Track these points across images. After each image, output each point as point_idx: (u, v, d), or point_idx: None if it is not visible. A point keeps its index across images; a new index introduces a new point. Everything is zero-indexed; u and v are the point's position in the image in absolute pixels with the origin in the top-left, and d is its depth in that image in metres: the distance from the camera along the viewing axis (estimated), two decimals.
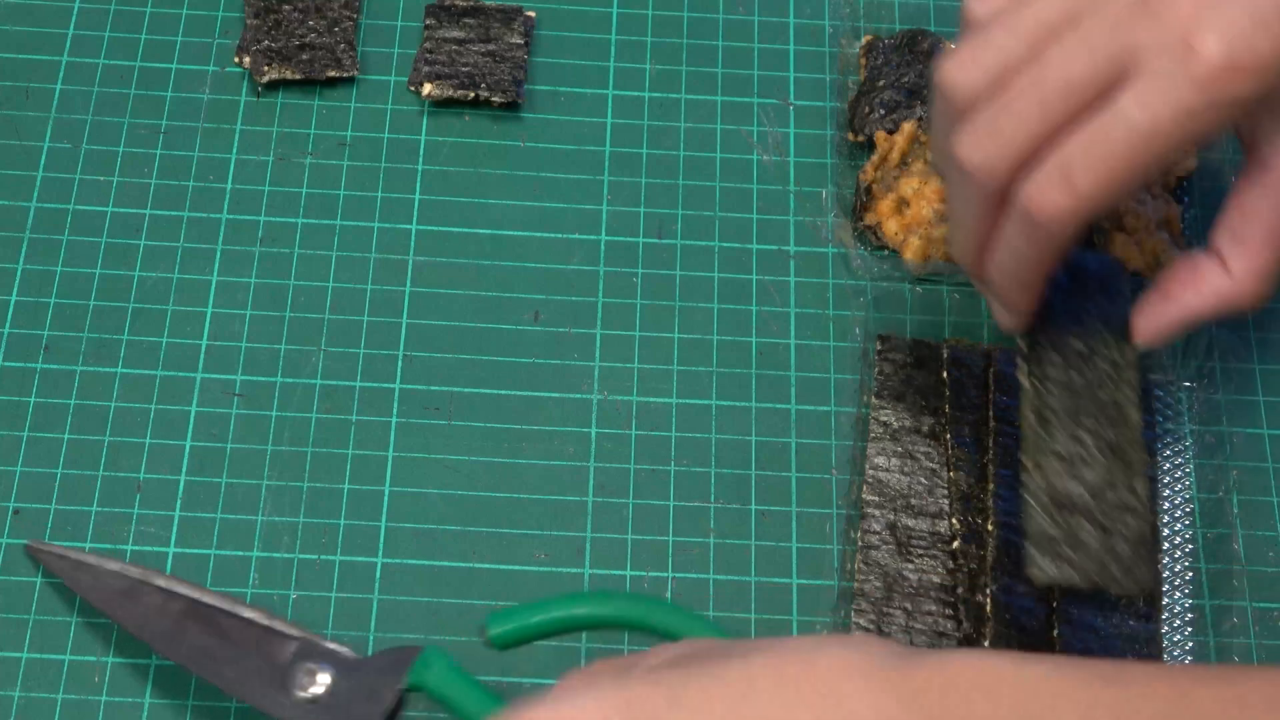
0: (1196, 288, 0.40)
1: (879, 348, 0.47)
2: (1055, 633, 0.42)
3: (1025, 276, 0.40)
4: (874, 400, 0.46)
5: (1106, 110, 0.36)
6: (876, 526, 0.44)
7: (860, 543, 0.44)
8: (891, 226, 0.48)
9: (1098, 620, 0.43)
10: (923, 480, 0.45)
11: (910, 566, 0.44)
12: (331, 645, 0.41)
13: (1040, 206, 0.37)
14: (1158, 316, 0.41)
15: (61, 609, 0.43)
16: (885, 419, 0.46)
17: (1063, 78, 0.37)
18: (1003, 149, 0.37)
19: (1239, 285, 0.40)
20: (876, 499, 0.45)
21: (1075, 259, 0.42)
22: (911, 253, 0.48)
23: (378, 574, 0.44)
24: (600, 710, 0.32)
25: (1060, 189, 0.37)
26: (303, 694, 0.40)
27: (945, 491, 0.45)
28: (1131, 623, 0.43)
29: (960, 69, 0.38)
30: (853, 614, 0.43)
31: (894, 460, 0.45)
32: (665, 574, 0.44)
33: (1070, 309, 0.42)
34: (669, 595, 0.44)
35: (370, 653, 0.42)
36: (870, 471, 0.45)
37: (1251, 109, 0.37)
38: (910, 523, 0.44)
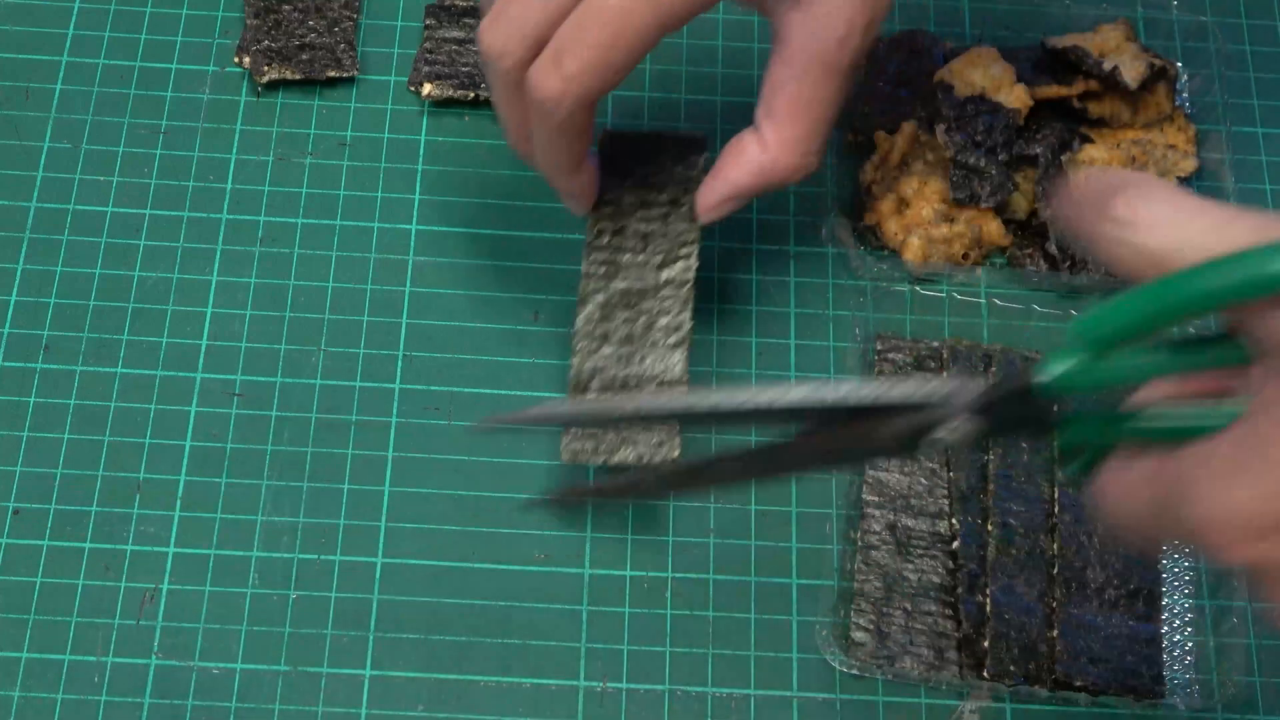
0: (738, 162, 0.42)
1: (878, 347, 0.47)
2: (1055, 632, 0.42)
3: (556, 158, 0.42)
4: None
5: None
6: (876, 526, 0.44)
7: (860, 543, 0.44)
8: (891, 226, 0.48)
9: (1098, 620, 0.43)
10: (922, 480, 0.45)
11: (910, 566, 0.44)
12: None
13: (537, 88, 0.40)
14: (709, 192, 0.43)
15: (62, 608, 0.43)
16: None
17: None
18: (511, 33, 0.40)
19: (773, 156, 0.42)
20: (876, 499, 0.45)
21: (663, 133, 0.45)
22: (911, 253, 0.48)
23: (378, 574, 0.44)
24: None
25: (551, 71, 0.39)
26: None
27: (945, 492, 0.45)
28: (1131, 623, 0.43)
29: (490, 30, 0.41)
30: (852, 614, 0.43)
31: (894, 460, 0.45)
32: (665, 574, 0.44)
33: (643, 184, 0.44)
34: (669, 596, 0.43)
35: None
36: (870, 472, 0.45)
37: None
38: (910, 523, 0.44)
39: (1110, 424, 0.31)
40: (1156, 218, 0.29)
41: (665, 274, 0.43)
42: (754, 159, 0.42)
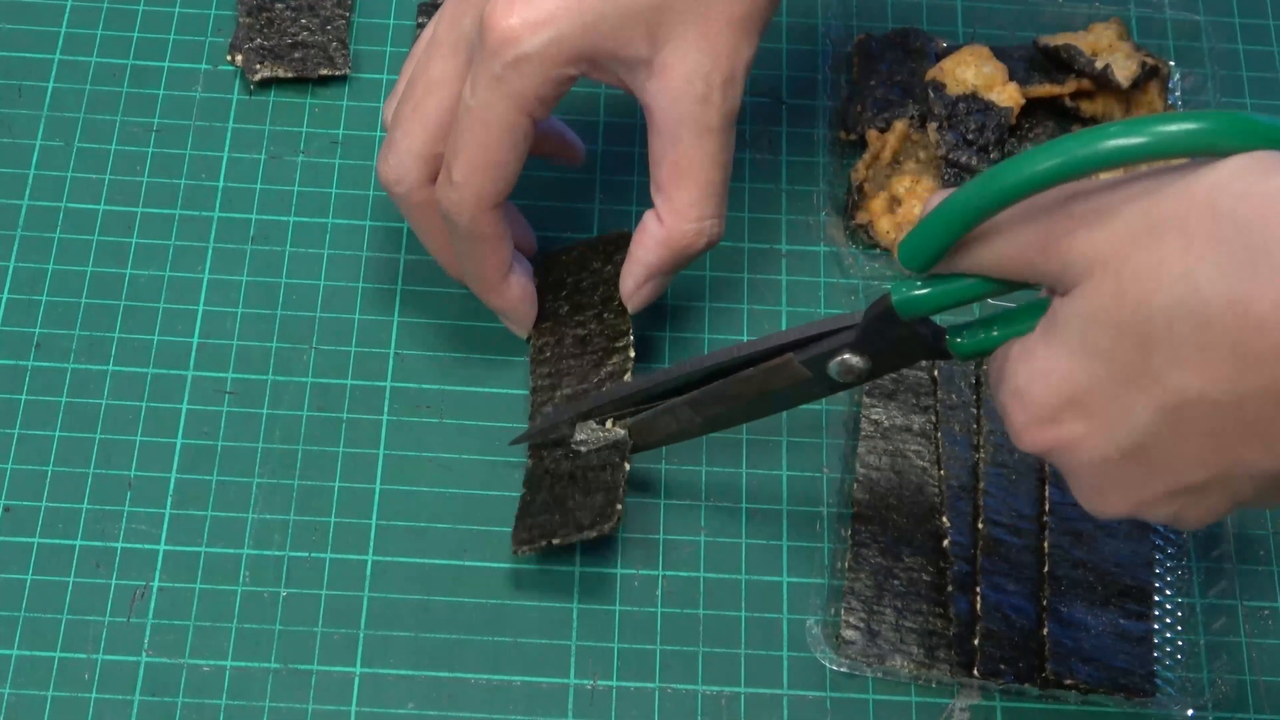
0: (642, 241, 0.43)
1: None
2: (1046, 630, 0.42)
3: (477, 270, 0.43)
4: (865, 399, 0.46)
5: (464, 108, 0.41)
6: (867, 525, 0.44)
7: (851, 540, 0.44)
8: (883, 225, 0.48)
9: (1088, 618, 0.42)
10: (913, 478, 0.45)
11: (901, 565, 0.43)
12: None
13: (443, 205, 0.42)
14: (627, 278, 0.44)
15: (52, 605, 0.42)
16: (876, 417, 0.45)
17: (427, 80, 0.42)
18: (400, 159, 0.42)
19: (668, 227, 0.42)
20: (867, 497, 0.44)
21: (591, 240, 0.47)
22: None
23: (368, 571, 0.43)
24: None
25: (445, 183, 0.41)
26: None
27: (936, 490, 0.44)
28: (1122, 621, 0.43)
29: (386, 110, 0.44)
30: (843, 612, 0.43)
31: (885, 459, 0.45)
32: (656, 571, 0.44)
33: (576, 290, 0.46)
34: (659, 594, 0.43)
35: None
36: (861, 470, 0.45)
37: (600, 63, 0.40)
38: (901, 521, 0.44)
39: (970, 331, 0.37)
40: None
41: (604, 370, 0.44)
42: (654, 235, 0.43)
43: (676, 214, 0.42)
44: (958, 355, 0.37)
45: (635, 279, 0.44)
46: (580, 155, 0.47)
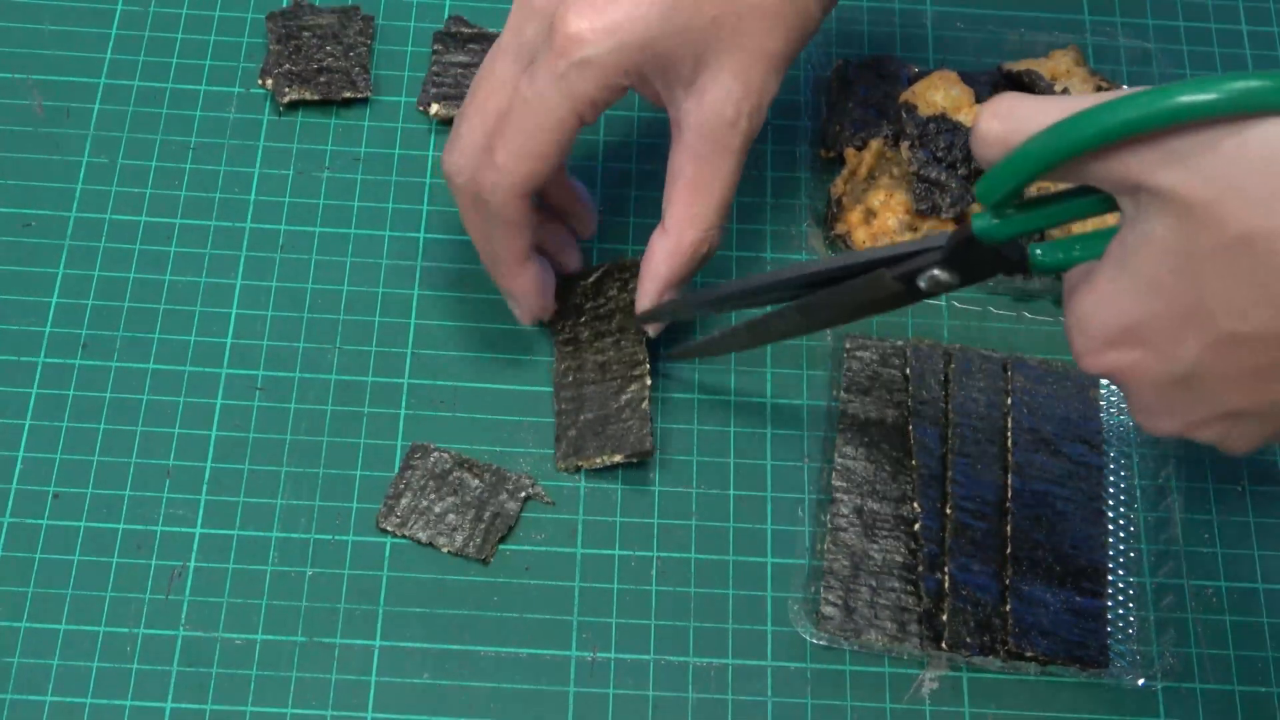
0: (651, 256, 0.44)
1: (847, 346, 0.47)
2: (1008, 607, 0.43)
3: (496, 252, 0.43)
4: (843, 394, 0.46)
5: (518, 99, 0.41)
6: (845, 510, 0.45)
7: (830, 525, 0.44)
8: (860, 235, 0.48)
9: (1047, 595, 0.43)
10: (887, 467, 0.45)
11: (875, 547, 0.44)
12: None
13: (480, 185, 0.42)
14: (640, 296, 0.44)
15: (97, 584, 0.43)
16: (853, 411, 0.46)
17: (490, 80, 0.42)
18: (463, 150, 0.42)
19: (675, 236, 0.43)
20: (845, 485, 0.45)
21: (610, 264, 0.47)
22: None
23: (387, 552, 0.44)
24: None
25: (486, 164, 0.41)
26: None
27: (908, 478, 0.45)
28: (1078, 599, 0.43)
29: (448, 161, 0.43)
30: (822, 590, 0.43)
31: (861, 449, 0.45)
32: (651, 553, 0.44)
33: (596, 316, 0.46)
34: (654, 574, 0.44)
35: None
36: (839, 460, 0.45)
37: (647, 76, 0.41)
38: (876, 506, 0.45)
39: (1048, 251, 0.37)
40: (999, 112, 0.34)
41: (623, 398, 0.45)
42: (660, 246, 0.43)
43: (686, 222, 0.43)
44: (1036, 269, 0.37)
45: (647, 294, 0.44)
46: (591, 230, 0.47)
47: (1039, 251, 0.37)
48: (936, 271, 0.38)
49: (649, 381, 0.45)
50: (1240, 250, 0.31)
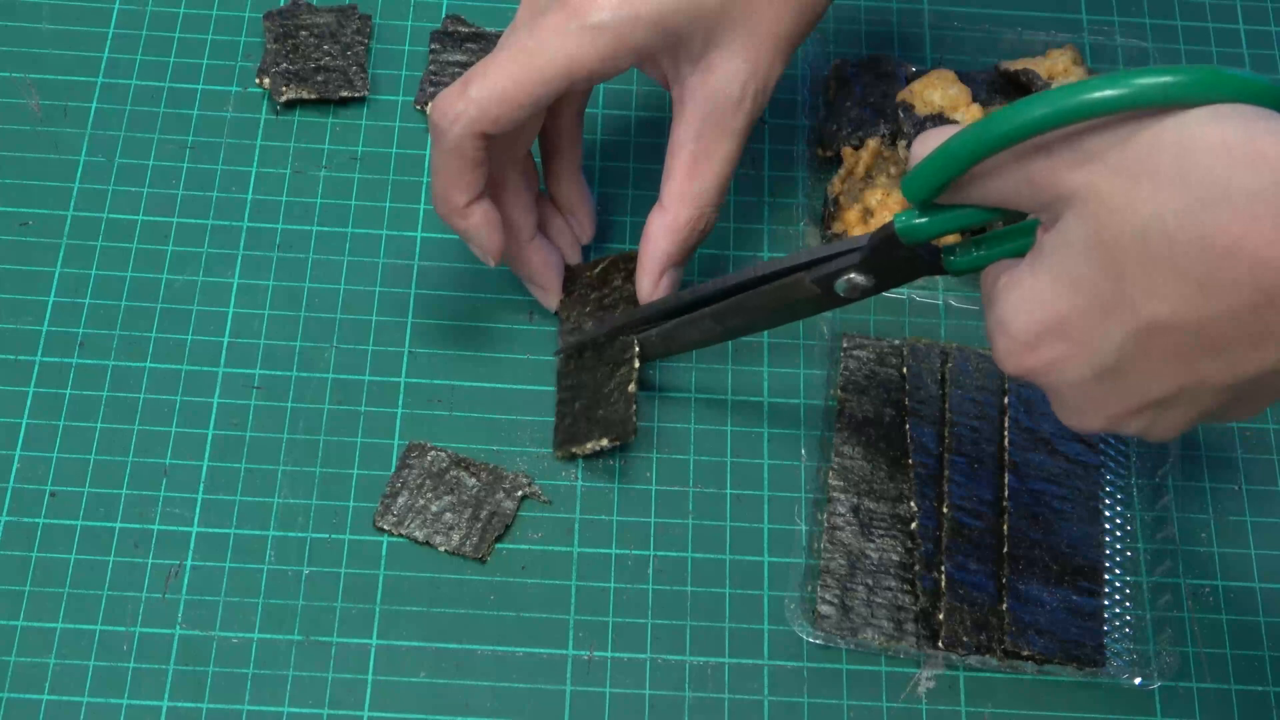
0: (649, 234, 0.44)
1: (845, 345, 0.47)
2: (1005, 606, 0.43)
3: (444, 188, 0.42)
4: (840, 393, 0.46)
5: (512, 41, 0.40)
6: (841, 509, 0.44)
7: (827, 524, 0.44)
8: (857, 234, 0.48)
9: (1044, 594, 0.43)
10: (884, 466, 0.45)
11: (872, 546, 0.44)
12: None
13: (437, 109, 0.40)
14: (644, 277, 0.44)
15: (94, 582, 0.43)
16: (850, 410, 0.46)
17: (505, 34, 0.41)
18: (465, 100, 0.40)
19: (673, 213, 0.43)
20: (842, 484, 0.45)
21: (615, 257, 0.47)
22: None
23: (383, 551, 0.44)
24: None
25: (457, 93, 0.40)
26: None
27: (905, 477, 0.45)
28: (1075, 597, 0.43)
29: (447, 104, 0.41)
30: (819, 589, 0.43)
31: (858, 448, 0.45)
32: (647, 552, 0.44)
33: (599, 307, 0.46)
34: (651, 573, 0.44)
35: None
36: (836, 459, 0.45)
37: (655, 53, 0.41)
38: (872, 505, 0.45)
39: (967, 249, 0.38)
40: (927, 138, 0.35)
41: (612, 383, 0.44)
42: (658, 224, 0.43)
43: (681, 198, 0.43)
44: (951, 272, 0.38)
45: (652, 274, 0.44)
46: (589, 234, 0.47)
47: (953, 257, 0.37)
48: (854, 275, 0.39)
49: (637, 365, 0.44)
50: (1155, 232, 0.31)
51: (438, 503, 0.44)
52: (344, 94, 0.50)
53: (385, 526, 0.44)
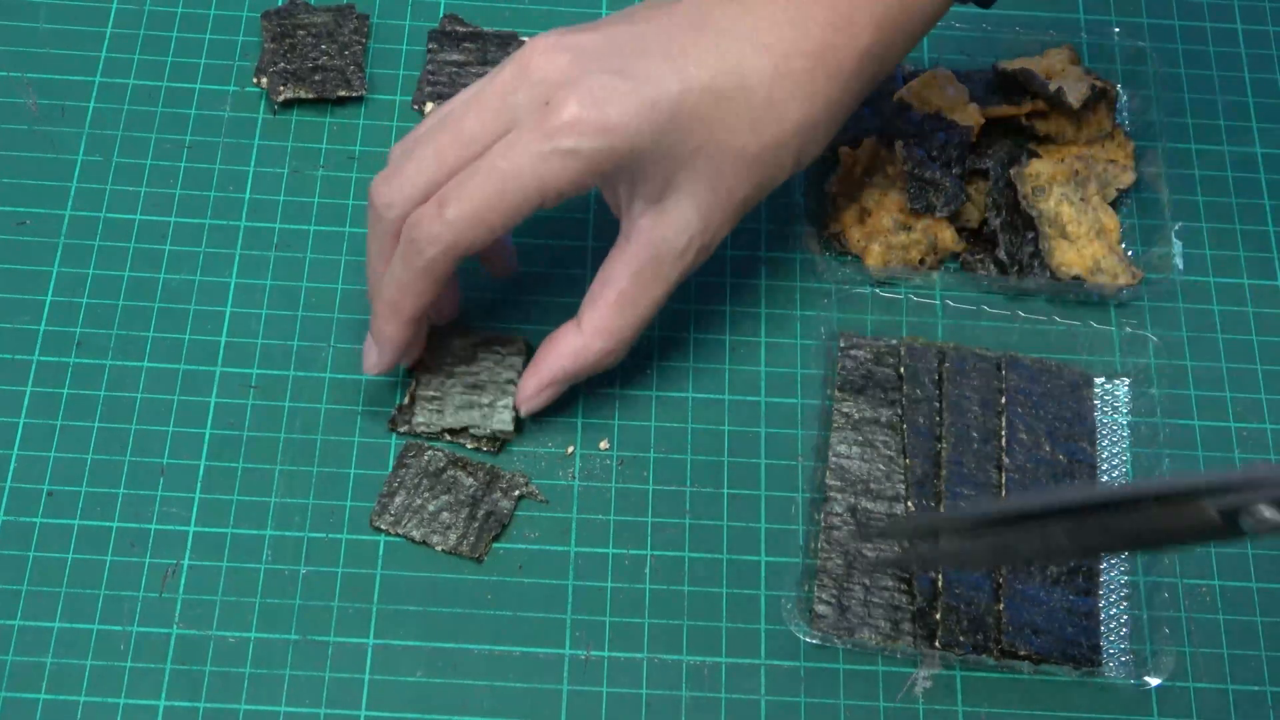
0: (558, 350, 0.43)
1: (842, 345, 0.47)
2: (1001, 606, 0.43)
3: (403, 300, 0.42)
4: (837, 393, 0.46)
5: (486, 162, 0.40)
6: (838, 509, 0.44)
7: (823, 524, 0.44)
8: (854, 234, 0.48)
9: (1041, 594, 0.43)
10: (881, 466, 0.45)
11: (869, 546, 0.44)
12: None
13: (415, 226, 0.40)
14: (528, 384, 0.44)
15: (91, 582, 0.43)
16: (847, 410, 0.46)
17: (457, 130, 0.40)
18: (403, 186, 0.41)
19: (587, 341, 0.43)
20: (839, 484, 0.45)
21: (487, 334, 0.46)
22: (872, 258, 0.48)
23: (380, 551, 0.44)
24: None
25: (434, 213, 0.40)
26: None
27: (901, 477, 0.45)
28: (1072, 597, 0.43)
29: (397, 143, 0.42)
30: (816, 588, 0.43)
31: (855, 448, 0.45)
32: (644, 551, 0.44)
33: (467, 385, 0.45)
34: (648, 572, 0.44)
35: None
36: (833, 458, 0.45)
37: (617, 181, 0.41)
38: (869, 505, 0.44)
39: None
40: None
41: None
42: (569, 344, 0.43)
43: (600, 332, 0.43)
44: None
45: (539, 382, 0.44)
46: (510, 268, 0.47)
47: None
48: (1265, 509, 0.33)
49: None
50: None
51: (435, 502, 0.44)
52: (341, 93, 0.50)
53: (382, 526, 0.44)
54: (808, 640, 0.42)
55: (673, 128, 0.40)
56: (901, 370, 0.46)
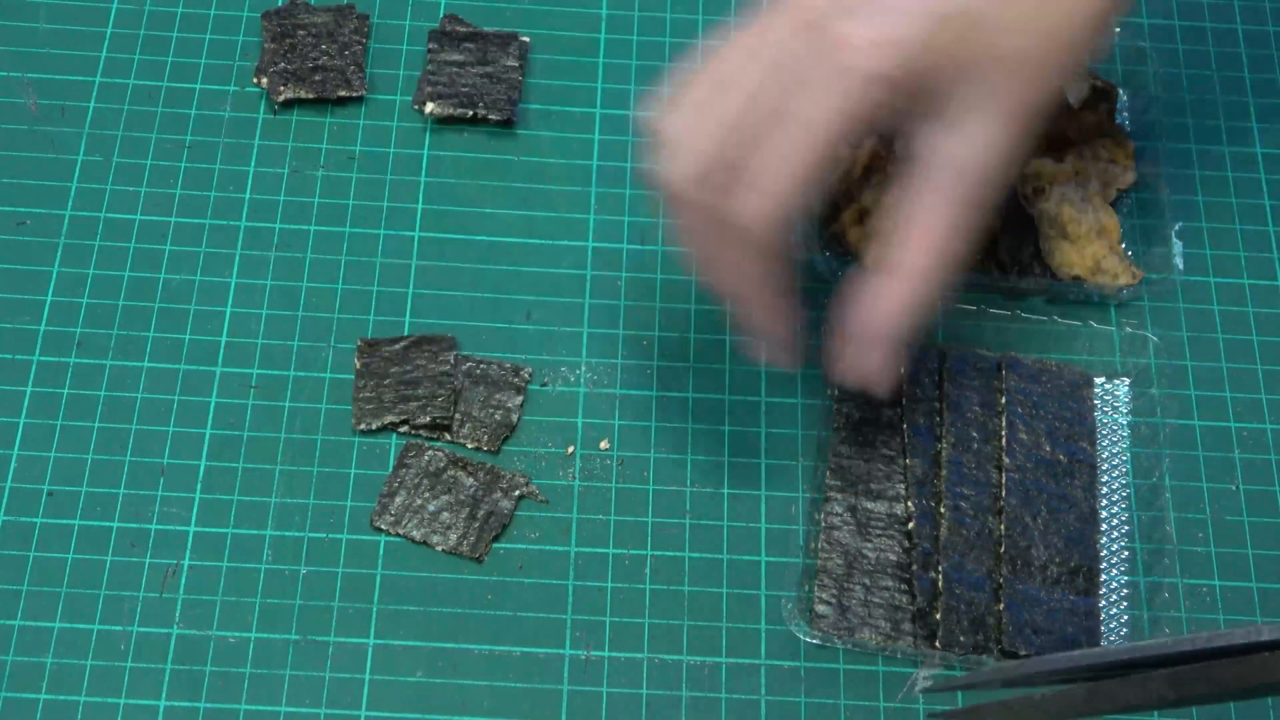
0: (878, 305, 0.39)
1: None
2: (1001, 606, 0.42)
3: (759, 293, 0.39)
4: (838, 393, 0.46)
5: (784, 115, 0.37)
6: (839, 509, 0.44)
7: (824, 524, 0.44)
8: (854, 234, 0.48)
9: (1041, 594, 0.43)
10: (881, 466, 0.45)
11: (869, 545, 0.44)
12: None
13: (740, 212, 0.38)
14: (863, 349, 0.40)
15: (91, 582, 0.43)
16: (848, 410, 0.46)
17: (743, 91, 0.38)
18: (697, 162, 0.38)
19: (906, 286, 0.39)
20: (839, 483, 0.45)
21: (418, 336, 0.45)
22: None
23: (381, 551, 0.44)
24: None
25: (749, 192, 0.37)
26: None
27: (901, 477, 0.45)
28: (1072, 598, 0.43)
29: (665, 117, 0.39)
30: (816, 588, 0.43)
31: (855, 448, 0.45)
32: (644, 551, 0.44)
33: (401, 379, 0.44)
34: (648, 572, 0.44)
35: None
36: (833, 458, 0.45)
37: (909, 104, 0.38)
38: (870, 505, 0.44)
39: None
40: None
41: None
42: (891, 291, 0.39)
43: (921, 271, 0.39)
44: None
45: (881, 346, 0.40)
46: (794, 364, 0.43)
47: None
48: None
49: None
50: None
51: (435, 502, 0.44)
52: (342, 93, 0.50)
53: (382, 526, 0.44)
54: (808, 640, 0.42)
55: (955, 36, 0.37)
56: (902, 370, 0.46)
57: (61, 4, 0.52)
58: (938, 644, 0.42)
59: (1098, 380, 0.47)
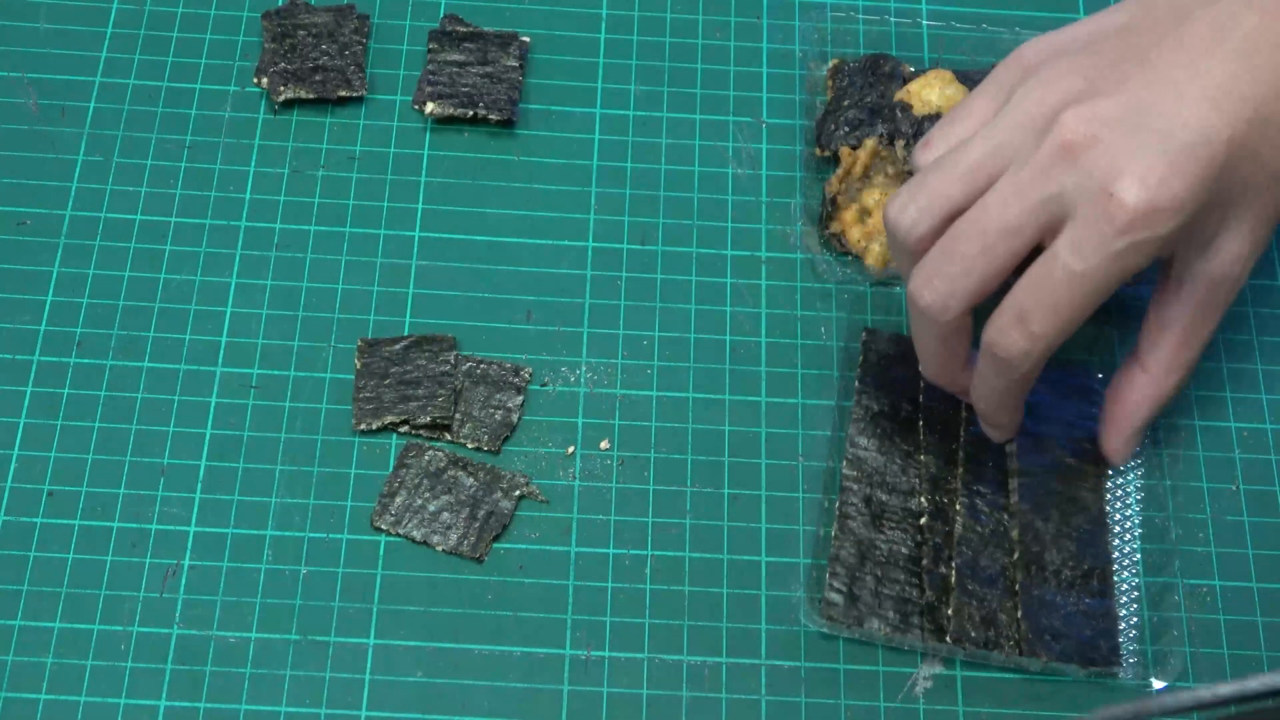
0: (1132, 398, 0.43)
1: (865, 339, 0.47)
2: (1020, 613, 0.42)
3: (1004, 403, 0.42)
4: (858, 386, 0.46)
5: (1048, 257, 0.38)
6: (854, 499, 0.44)
7: (839, 512, 0.44)
8: (854, 234, 0.48)
9: (1057, 598, 0.43)
10: (898, 460, 0.45)
11: (882, 537, 0.44)
12: None
13: (1004, 349, 0.40)
14: (1116, 437, 0.44)
15: (91, 582, 0.43)
16: (867, 404, 0.46)
17: (1000, 224, 0.38)
18: (951, 289, 0.39)
19: (1160, 380, 0.43)
20: (855, 474, 0.45)
21: (419, 336, 0.45)
22: (872, 258, 0.48)
23: (381, 551, 0.44)
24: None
25: (1018, 332, 0.39)
26: None
27: (917, 472, 0.45)
28: (1088, 600, 0.43)
29: (900, 209, 0.40)
30: (828, 575, 0.43)
31: (873, 441, 0.45)
32: (645, 551, 0.44)
33: (401, 379, 0.45)
34: (648, 572, 0.44)
35: None
36: (851, 450, 0.45)
37: (1180, 245, 0.39)
38: (884, 497, 0.44)
39: None
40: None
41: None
42: (1143, 390, 0.43)
43: (1174, 369, 0.42)
44: None
45: (1126, 435, 0.44)
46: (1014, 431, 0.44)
47: None
48: None
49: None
50: None
51: (435, 502, 0.44)
52: (342, 93, 0.50)
53: (383, 526, 0.44)
54: (815, 628, 0.42)
55: (1225, 175, 0.38)
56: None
57: (61, 4, 0.52)
58: (949, 638, 0.42)
59: (1099, 378, 0.47)
